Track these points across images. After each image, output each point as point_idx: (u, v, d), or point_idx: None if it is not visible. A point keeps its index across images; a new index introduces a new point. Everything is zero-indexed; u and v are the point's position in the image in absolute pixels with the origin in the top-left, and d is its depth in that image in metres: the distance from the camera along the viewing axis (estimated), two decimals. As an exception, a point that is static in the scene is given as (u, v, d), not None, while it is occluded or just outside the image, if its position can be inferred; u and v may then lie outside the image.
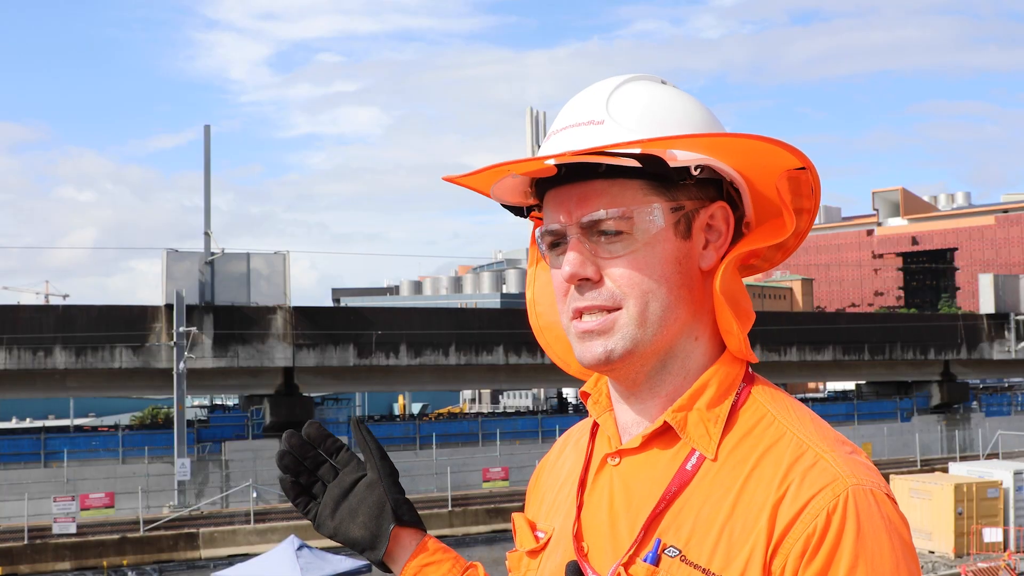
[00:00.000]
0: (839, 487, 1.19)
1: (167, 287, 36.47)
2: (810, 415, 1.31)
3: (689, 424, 1.30)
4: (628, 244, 1.29)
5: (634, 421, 1.36)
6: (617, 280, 1.30)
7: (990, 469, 30.38)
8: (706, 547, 1.23)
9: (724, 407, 1.31)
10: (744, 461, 1.26)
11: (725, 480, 1.25)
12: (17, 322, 35.15)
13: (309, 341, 38.30)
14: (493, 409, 73.42)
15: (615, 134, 1.29)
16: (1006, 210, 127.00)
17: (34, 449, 35.86)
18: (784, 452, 1.25)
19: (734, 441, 1.28)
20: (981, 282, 53.07)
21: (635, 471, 1.34)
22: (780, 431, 1.27)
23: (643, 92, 1.34)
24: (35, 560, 28.96)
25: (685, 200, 1.31)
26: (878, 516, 1.19)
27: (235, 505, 34.55)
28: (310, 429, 1.59)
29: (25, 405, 68.44)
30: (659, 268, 1.30)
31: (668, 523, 1.27)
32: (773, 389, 1.35)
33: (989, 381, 64.83)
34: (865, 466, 1.24)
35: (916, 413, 49.57)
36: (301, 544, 19.99)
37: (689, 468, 1.28)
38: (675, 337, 1.32)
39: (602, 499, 1.36)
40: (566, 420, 43.95)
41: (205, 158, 39.21)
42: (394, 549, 1.56)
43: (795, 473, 1.22)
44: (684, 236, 1.32)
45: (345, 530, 1.55)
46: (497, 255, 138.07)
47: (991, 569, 25.03)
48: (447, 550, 1.59)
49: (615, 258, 1.30)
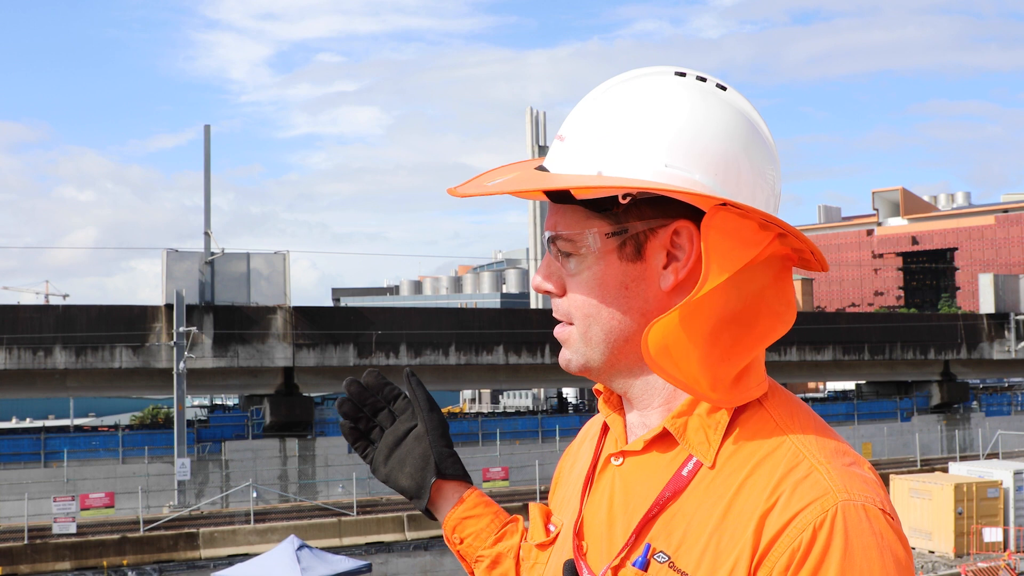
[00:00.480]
0: (828, 502, 1.17)
1: (167, 287, 36.46)
2: (814, 422, 1.29)
3: (689, 430, 1.28)
4: (577, 264, 1.32)
5: (639, 423, 1.36)
6: (569, 297, 1.34)
7: (990, 469, 30.40)
8: (694, 554, 1.22)
9: (724, 413, 1.28)
10: (740, 469, 1.24)
11: (719, 487, 1.24)
12: (17, 322, 35.14)
13: (309, 341, 38.30)
14: (493, 409, 73.39)
15: (570, 154, 1.30)
16: (1006, 210, 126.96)
17: (34, 449, 35.84)
18: (780, 461, 1.23)
19: (732, 448, 1.26)
20: (981, 282, 53.06)
21: (636, 473, 1.33)
22: (779, 439, 1.25)
23: (623, 100, 1.29)
24: (35, 560, 28.95)
25: (633, 221, 1.29)
26: (869, 532, 1.16)
27: (235, 505, 34.55)
28: (369, 377, 1.69)
29: (25, 405, 68.44)
30: (599, 291, 1.31)
31: (660, 528, 1.27)
32: (780, 393, 1.32)
33: (989, 381, 64.78)
34: (862, 479, 1.21)
35: (916, 413, 49.55)
36: (301, 544, 19.98)
37: (685, 474, 1.27)
38: (639, 357, 1.32)
39: (603, 499, 1.37)
40: (566, 420, 43.97)
41: (205, 158, 39.20)
42: (437, 500, 1.66)
43: (786, 484, 1.20)
44: (632, 259, 1.29)
45: (395, 478, 1.65)
46: (497, 255, 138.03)
47: (991, 569, 25.04)
48: (489, 503, 1.68)
49: (569, 277, 1.34)
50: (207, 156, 39.23)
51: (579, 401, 62.54)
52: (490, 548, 1.65)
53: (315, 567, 19.31)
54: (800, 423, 1.27)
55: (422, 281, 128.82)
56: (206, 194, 38.79)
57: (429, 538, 31.46)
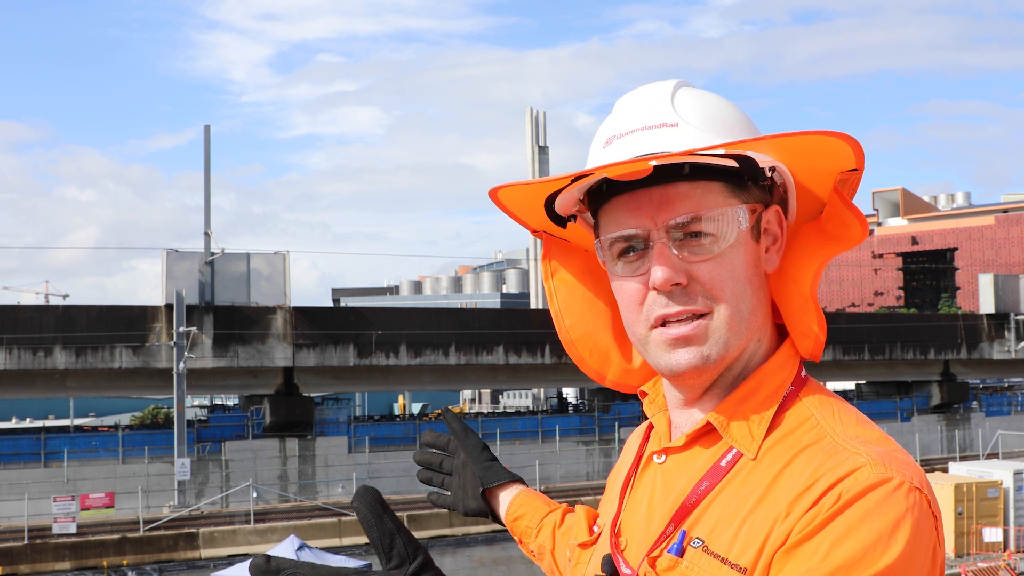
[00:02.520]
0: (862, 473, 1.17)
1: (167, 287, 36.45)
2: (856, 418, 1.29)
3: (732, 424, 1.29)
4: (714, 247, 1.27)
5: (687, 421, 1.36)
6: (707, 284, 1.27)
7: (990, 469, 30.39)
8: (727, 537, 1.23)
9: (770, 408, 1.30)
10: (779, 460, 1.25)
11: (758, 477, 1.25)
12: (17, 322, 35.13)
13: (309, 341, 38.28)
14: (493, 409, 73.37)
15: (694, 136, 1.28)
16: (1006, 210, 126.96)
17: (34, 449, 35.83)
18: (819, 452, 1.23)
19: (773, 441, 1.27)
20: (981, 282, 53.04)
21: (678, 469, 1.34)
22: (821, 434, 1.25)
23: (697, 96, 1.33)
24: (35, 560, 28.94)
25: (756, 203, 1.31)
26: (897, 500, 1.15)
27: (235, 505, 34.54)
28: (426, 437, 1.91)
29: (25, 405, 68.43)
30: (743, 271, 1.29)
31: (696, 517, 1.27)
32: (823, 393, 1.33)
33: (989, 381, 64.73)
34: (902, 460, 1.21)
35: (916, 413, 49.54)
36: (301, 544, 20.00)
37: (724, 464, 1.28)
38: (749, 340, 1.32)
39: (644, 496, 1.37)
40: (566, 420, 43.93)
41: (205, 158, 39.18)
42: (496, 508, 1.82)
43: (824, 469, 1.20)
44: (756, 239, 1.32)
45: (469, 506, 1.82)
46: (497, 255, 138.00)
47: (991, 569, 25.03)
48: (530, 502, 1.79)
49: (702, 261, 1.27)
50: (207, 156, 39.22)
51: (579, 401, 62.49)
52: (534, 541, 1.77)
53: (315, 567, 19.29)
54: (841, 420, 1.28)
55: (422, 281, 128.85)
56: (206, 194, 38.78)
57: (430, 538, 31.46)
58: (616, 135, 1.32)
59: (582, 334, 1.50)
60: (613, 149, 1.32)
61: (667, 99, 1.31)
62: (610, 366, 1.48)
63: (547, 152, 61.07)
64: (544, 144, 60.89)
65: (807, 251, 1.33)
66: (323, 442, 38.39)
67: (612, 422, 42.70)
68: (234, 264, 38.16)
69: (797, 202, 1.35)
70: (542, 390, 63.93)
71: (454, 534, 32.69)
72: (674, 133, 1.28)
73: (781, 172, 1.31)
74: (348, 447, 38.65)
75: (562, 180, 1.31)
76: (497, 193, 1.40)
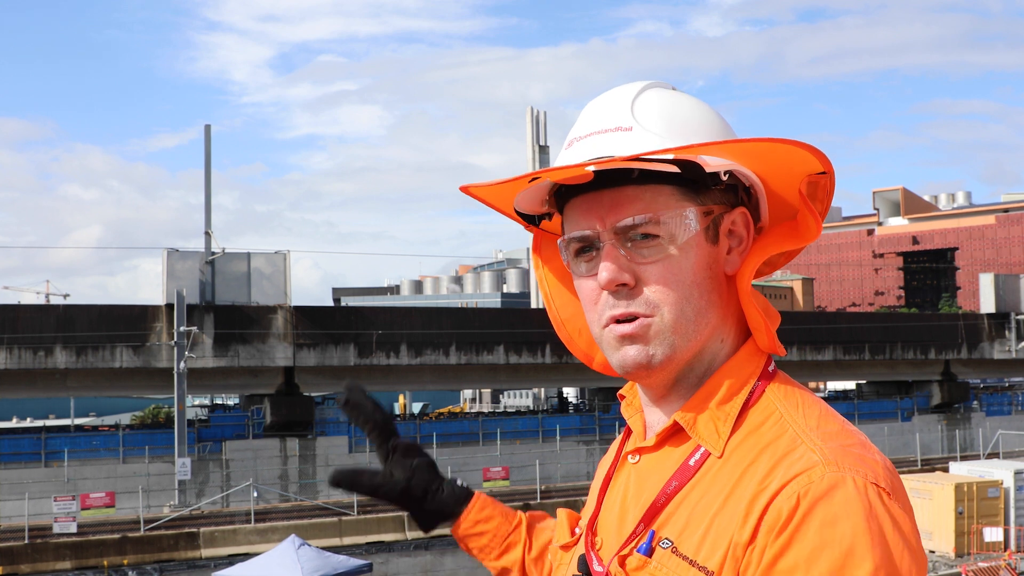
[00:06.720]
0: (815, 473, 1.18)
1: (168, 286, 36.46)
2: (819, 412, 1.30)
3: (699, 423, 1.31)
4: (662, 249, 1.30)
5: (660, 422, 1.39)
6: (653, 286, 1.30)
7: (990, 469, 30.39)
8: (695, 539, 1.25)
9: (734, 405, 1.32)
10: (745, 457, 1.27)
11: (725, 475, 1.26)
12: (18, 322, 35.14)
13: (310, 341, 38.29)
14: (493, 409, 73.39)
15: (647, 140, 1.30)
16: (1006, 210, 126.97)
17: (34, 449, 35.84)
18: (779, 447, 1.25)
19: (740, 438, 1.29)
20: (982, 282, 53.04)
21: (649, 468, 1.37)
22: (783, 428, 1.27)
23: (663, 99, 1.34)
24: (35, 560, 28.94)
25: (713, 205, 1.32)
26: (856, 501, 1.16)
27: (235, 504, 34.55)
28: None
29: (25, 405, 68.45)
30: (691, 274, 1.31)
31: (666, 517, 1.29)
32: (788, 386, 1.35)
33: (990, 381, 64.75)
34: (857, 456, 1.22)
35: (916, 413, 49.53)
36: (302, 543, 19.97)
37: (692, 464, 1.30)
38: (706, 341, 1.34)
39: (618, 495, 1.41)
40: (566, 420, 43.92)
41: (206, 158, 39.18)
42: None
43: (781, 466, 1.22)
44: (712, 241, 1.33)
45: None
46: (498, 255, 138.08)
47: (991, 569, 25.04)
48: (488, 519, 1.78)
49: (650, 263, 1.30)
50: (207, 156, 39.22)
51: (579, 401, 62.51)
52: (495, 561, 1.75)
53: (316, 567, 19.30)
54: (803, 414, 1.29)
55: (423, 281, 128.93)
56: (207, 193, 38.78)
57: (430, 538, 31.46)
58: (576, 137, 1.36)
59: (571, 314, 1.52)
60: (572, 151, 1.35)
61: (627, 103, 1.33)
62: (597, 350, 1.49)
63: (548, 151, 61.04)
64: (545, 143, 60.85)
65: (755, 250, 1.36)
66: (324, 442, 38.39)
67: (612, 422, 42.67)
68: (235, 264, 38.16)
69: (770, 204, 1.37)
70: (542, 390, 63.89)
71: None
72: (626, 137, 1.31)
73: (745, 176, 1.33)
74: (349, 447, 38.64)
75: (520, 180, 1.35)
76: (469, 190, 1.42)
